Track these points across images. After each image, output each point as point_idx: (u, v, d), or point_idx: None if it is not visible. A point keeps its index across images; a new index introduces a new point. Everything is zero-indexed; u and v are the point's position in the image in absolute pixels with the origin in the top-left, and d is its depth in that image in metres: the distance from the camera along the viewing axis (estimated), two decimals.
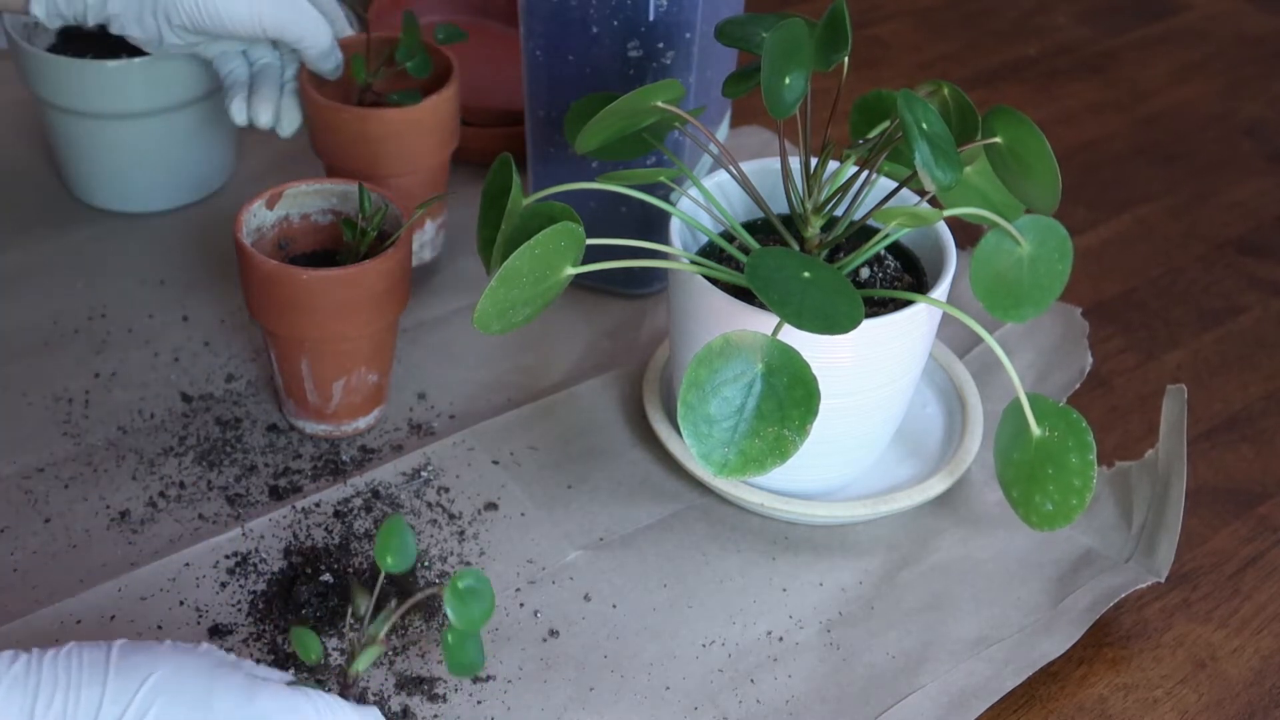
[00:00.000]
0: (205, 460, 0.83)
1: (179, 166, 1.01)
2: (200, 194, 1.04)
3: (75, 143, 0.99)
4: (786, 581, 0.78)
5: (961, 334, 0.92)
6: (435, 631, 0.74)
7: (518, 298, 0.69)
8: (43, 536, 0.78)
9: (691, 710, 0.72)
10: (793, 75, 0.72)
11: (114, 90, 0.95)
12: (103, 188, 1.01)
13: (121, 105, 0.96)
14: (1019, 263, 0.76)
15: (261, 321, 0.81)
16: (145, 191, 1.02)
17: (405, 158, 0.90)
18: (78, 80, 0.95)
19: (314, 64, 0.90)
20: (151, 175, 1.01)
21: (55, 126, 0.99)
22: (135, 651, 0.57)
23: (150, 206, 1.02)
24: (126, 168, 1.00)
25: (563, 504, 0.82)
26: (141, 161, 1.00)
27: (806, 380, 0.66)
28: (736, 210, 0.83)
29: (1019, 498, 0.71)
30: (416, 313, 0.94)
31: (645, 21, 0.85)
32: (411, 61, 0.91)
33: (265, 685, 0.58)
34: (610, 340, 0.94)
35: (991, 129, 0.72)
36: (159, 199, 1.02)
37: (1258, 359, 0.96)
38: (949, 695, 0.72)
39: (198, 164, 1.02)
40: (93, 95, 0.95)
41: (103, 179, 1.01)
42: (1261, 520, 0.84)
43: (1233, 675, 0.75)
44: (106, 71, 0.94)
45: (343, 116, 0.88)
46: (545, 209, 0.74)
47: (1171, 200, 1.11)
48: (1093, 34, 1.32)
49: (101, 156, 0.99)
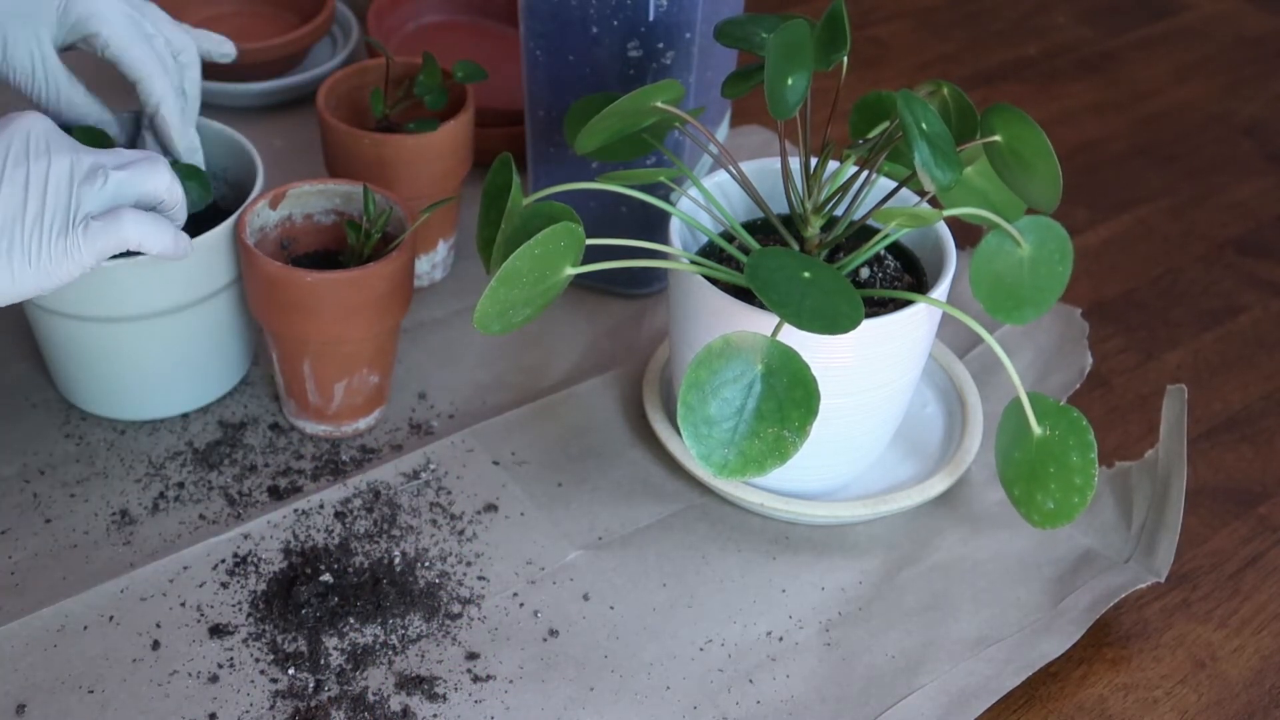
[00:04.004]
0: (205, 460, 0.83)
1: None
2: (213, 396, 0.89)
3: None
4: (786, 582, 0.78)
5: (961, 334, 0.92)
6: (436, 631, 0.74)
7: (518, 298, 0.69)
8: (43, 537, 0.78)
9: (691, 710, 0.72)
10: (795, 76, 0.72)
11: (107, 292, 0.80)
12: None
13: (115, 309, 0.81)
14: (1019, 264, 0.76)
15: (264, 322, 0.82)
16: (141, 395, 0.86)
17: (419, 183, 0.90)
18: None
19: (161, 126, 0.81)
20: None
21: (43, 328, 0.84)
22: None
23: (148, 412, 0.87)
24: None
25: (563, 504, 0.82)
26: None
27: (806, 381, 0.66)
28: (736, 210, 0.83)
29: (1020, 496, 0.71)
30: (417, 313, 0.94)
31: (645, 21, 0.85)
32: (430, 96, 0.92)
33: None
34: (610, 340, 0.94)
35: (991, 127, 0.72)
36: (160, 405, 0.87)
37: (1258, 359, 0.96)
38: (949, 695, 0.72)
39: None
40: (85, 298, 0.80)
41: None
42: (1261, 520, 0.84)
43: (1233, 675, 0.75)
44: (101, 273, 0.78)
45: (358, 141, 0.88)
46: (545, 209, 0.74)
47: (1171, 200, 1.11)
48: (1093, 34, 1.32)
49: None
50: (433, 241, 0.95)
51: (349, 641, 0.74)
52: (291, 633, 0.74)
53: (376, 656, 0.73)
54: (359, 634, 0.74)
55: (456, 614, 0.75)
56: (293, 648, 0.73)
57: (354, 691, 0.71)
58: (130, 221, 0.69)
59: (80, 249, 0.68)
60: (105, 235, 0.69)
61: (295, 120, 1.10)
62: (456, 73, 0.92)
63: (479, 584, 0.77)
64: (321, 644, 0.73)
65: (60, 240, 0.68)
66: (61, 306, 0.80)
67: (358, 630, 0.74)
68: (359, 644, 0.73)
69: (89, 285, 0.78)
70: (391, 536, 0.79)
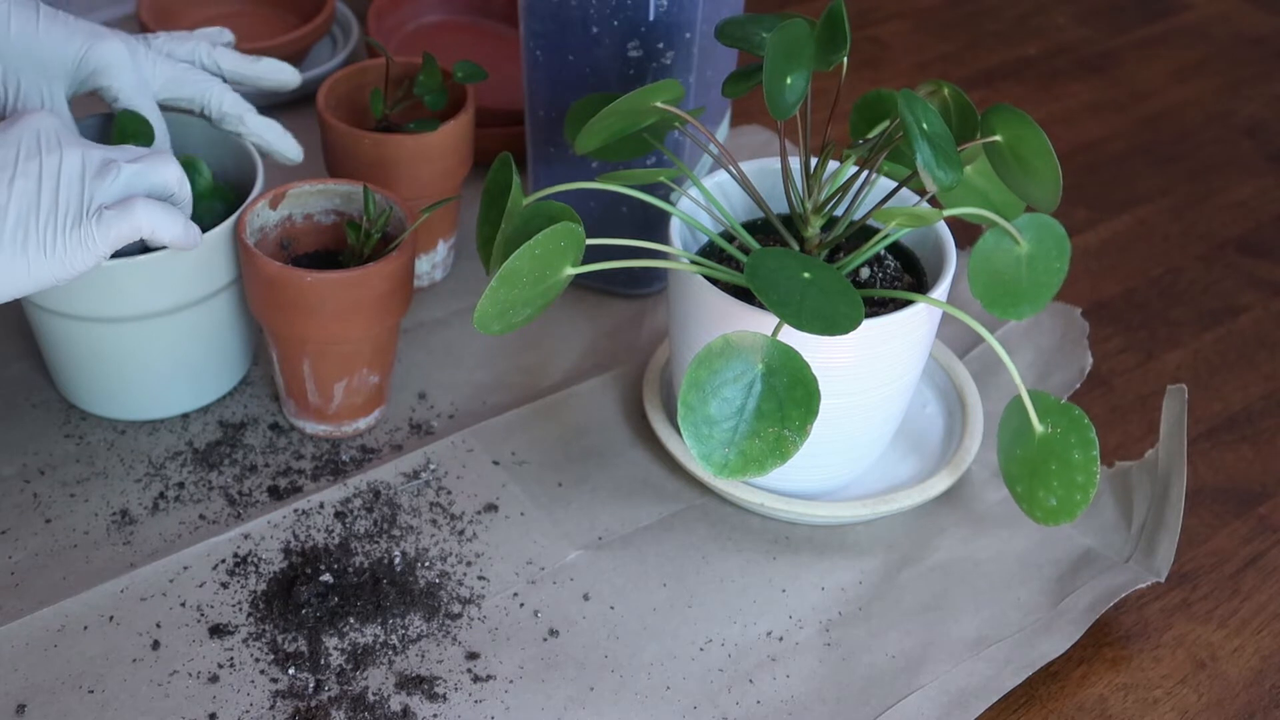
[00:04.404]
0: (205, 460, 0.83)
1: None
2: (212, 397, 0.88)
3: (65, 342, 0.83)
4: (786, 582, 0.78)
5: (961, 334, 0.92)
6: (436, 631, 0.74)
7: (518, 298, 0.69)
8: (43, 537, 0.78)
9: (691, 710, 0.72)
10: (794, 76, 0.72)
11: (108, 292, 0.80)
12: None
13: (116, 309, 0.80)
14: (1017, 261, 0.76)
15: (264, 322, 0.82)
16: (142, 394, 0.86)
17: (419, 183, 0.90)
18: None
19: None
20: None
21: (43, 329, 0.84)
22: None
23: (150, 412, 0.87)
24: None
25: (563, 504, 0.82)
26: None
27: (806, 380, 0.66)
28: (736, 210, 0.83)
29: (1023, 493, 0.71)
30: (417, 313, 0.94)
31: (645, 21, 0.85)
32: (430, 96, 0.92)
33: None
34: (610, 340, 0.94)
35: (991, 127, 0.72)
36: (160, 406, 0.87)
37: (1258, 359, 0.96)
38: (949, 695, 0.72)
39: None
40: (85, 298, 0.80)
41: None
42: (1261, 520, 0.84)
43: (1233, 675, 0.75)
44: (102, 272, 0.77)
45: (359, 141, 0.88)
46: (545, 209, 0.74)
47: (1171, 200, 1.11)
48: (1093, 34, 1.32)
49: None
50: (433, 241, 0.95)
51: (349, 641, 0.74)
52: (291, 633, 0.74)
53: (376, 656, 0.73)
54: (359, 634, 0.74)
55: (456, 614, 0.75)
56: (293, 648, 0.73)
57: (354, 691, 0.71)
58: (143, 209, 0.71)
59: (94, 238, 0.70)
60: (119, 223, 0.70)
61: (295, 120, 1.10)
62: (456, 73, 0.92)
63: (479, 584, 0.77)
64: (321, 644, 0.73)
65: (75, 230, 0.69)
66: (61, 306, 0.80)
67: (358, 630, 0.74)
68: (359, 644, 0.73)
69: (89, 285, 0.78)
70: (391, 536, 0.79)
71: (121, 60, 0.81)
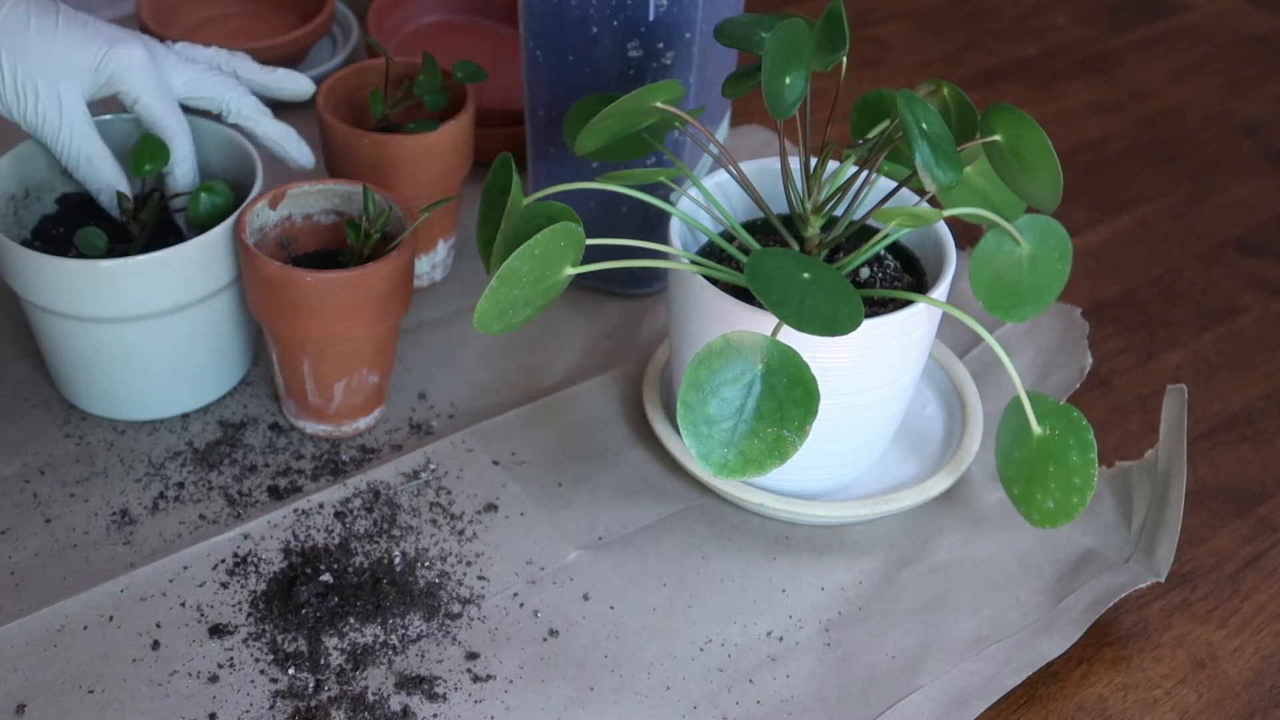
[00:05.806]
0: (205, 460, 0.83)
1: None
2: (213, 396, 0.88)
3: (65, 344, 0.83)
4: (786, 582, 0.78)
5: (961, 334, 0.92)
6: (436, 631, 0.74)
7: (518, 298, 0.69)
8: (43, 537, 0.78)
9: (691, 710, 0.72)
10: (793, 75, 0.72)
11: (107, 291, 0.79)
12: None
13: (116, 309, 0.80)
14: (1018, 262, 0.76)
15: (263, 322, 0.82)
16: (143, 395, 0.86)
17: (419, 183, 0.90)
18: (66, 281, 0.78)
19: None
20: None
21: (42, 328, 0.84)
22: None
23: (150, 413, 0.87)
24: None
25: (563, 504, 0.82)
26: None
27: (806, 380, 0.66)
28: (736, 210, 0.83)
29: (1020, 495, 0.71)
30: (417, 313, 0.94)
31: (645, 21, 0.85)
32: (429, 96, 0.92)
33: None
34: (610, 340, 0.94)
35: (990, 126, 0.72)
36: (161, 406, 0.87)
37: (1258, 359, 0.96)
38: (949, 695, 0.72)
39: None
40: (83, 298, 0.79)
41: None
42: (1261, 520, 0.84)
43: (1233, 675, 0.75)
44: (99, 271, 0.78)
45: (358, 141, 0.88)
46: (545, 209, 0.74)
47: (1171, 200, 1.11)
48: (1093, 34, 1.32)
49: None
50: (433, 241, 0.95)
51: (349, 641, 0.74)
52: (291, 633, 0.74)
53: (376, 656, 0.73)
54: (359, 634, 0.74)
55: (456, 614, 0.76)
56: (293, 648, 0.73)
57: (354, 691, 0.71)
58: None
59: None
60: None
61: (295, 120, 1.09)
62: (456, 73, 0.92)
63: (479, 584, 0.77)
64: (321, 644, 0.73)
65: None
66: (61, 306, 0.80)
67: (358, 630, 0.74)
68: (359, 644, 0.73)
69: (89, 285, 0.78)
70: (391, 536, 0.79)
71: (141, 63, 0.82)
